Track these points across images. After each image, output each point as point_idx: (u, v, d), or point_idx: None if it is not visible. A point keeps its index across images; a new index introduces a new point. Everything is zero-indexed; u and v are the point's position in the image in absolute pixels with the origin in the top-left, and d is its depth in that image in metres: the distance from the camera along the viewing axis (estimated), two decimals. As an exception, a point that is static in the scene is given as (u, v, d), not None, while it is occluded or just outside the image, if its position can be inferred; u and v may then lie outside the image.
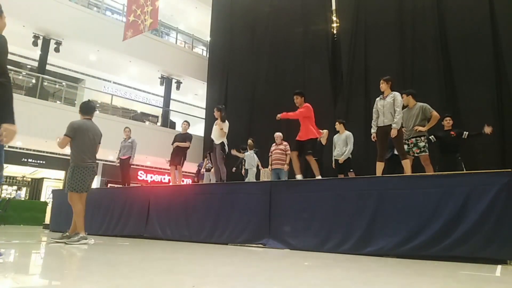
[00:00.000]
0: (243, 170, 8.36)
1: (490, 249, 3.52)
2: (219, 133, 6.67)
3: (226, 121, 6.73)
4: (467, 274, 2.93)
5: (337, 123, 7.20)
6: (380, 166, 5.20)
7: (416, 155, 5.36)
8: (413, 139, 5.39)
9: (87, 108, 5.10)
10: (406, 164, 5.05)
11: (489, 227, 3.56)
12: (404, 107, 5.54)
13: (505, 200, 3.55)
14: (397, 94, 5.21)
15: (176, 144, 7.92)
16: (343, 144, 6.94)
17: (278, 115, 5.70)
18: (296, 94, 5.68)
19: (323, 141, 7.20)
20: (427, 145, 5.43)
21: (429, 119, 5.45)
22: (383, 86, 5.34)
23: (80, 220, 4.79)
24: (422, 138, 5.37)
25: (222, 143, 6.72)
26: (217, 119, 6.72)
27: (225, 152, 6.99)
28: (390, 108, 5.17)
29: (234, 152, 8.23)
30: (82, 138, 4.84)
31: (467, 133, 6.05)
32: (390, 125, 5.11)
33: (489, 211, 3.60)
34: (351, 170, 6.91)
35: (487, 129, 5.80)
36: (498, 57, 7.22)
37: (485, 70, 7.28)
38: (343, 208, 4.54)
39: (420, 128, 5.33)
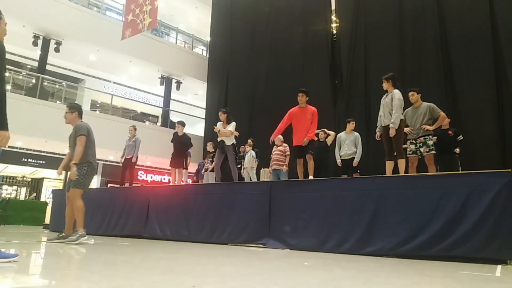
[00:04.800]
0: (242, 170, 8.35)
1: (490, 249, 3.52)
2: (226, 134, 6.60)
3: (233, 122, 6.70)
4: (467, 274, 2.93)
5: (353, 122, 6.99)
6: (389, 165, 5.17)
7: (425, 154, 5.34)
8: (422, 138, 5.37)
9: (82, 110, 5.20)
10: (402, 163, 5.04)
11: (489, 227, 3.56)
12: (411, 104, 5.54)
13: (505, 200, 3.55)
14: (395, 92, 5.17)
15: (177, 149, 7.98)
16: (351, 144, 6.85)
17: (306, 140, 5.59)
18: (302, 92, 5.73)
19: (329, 143, 7.19)
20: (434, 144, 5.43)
21: (436, 119, 5.44)
22: (385, 85, 5.31)
23: (81, 216, 4.82)
24: (431, 136, 5.36)
25: (233, 144, 6.69)
26: (222, 121, 6.69)
27: (237, 154, 6.92)
28: (389, 107, 5.15)
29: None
30: (91, 138, 4.96)
31: (462, 137, 6.05)
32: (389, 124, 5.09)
33: (489, 211, 3.60)
34: (358, 171, 6.82)
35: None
36: (498, 57, 7.21)
37: (485, 70, 7.27)
38: (343, 208, 4.54)
39: (428, 127, 5.32)
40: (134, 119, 14.80)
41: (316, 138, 6.26)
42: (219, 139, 6.69)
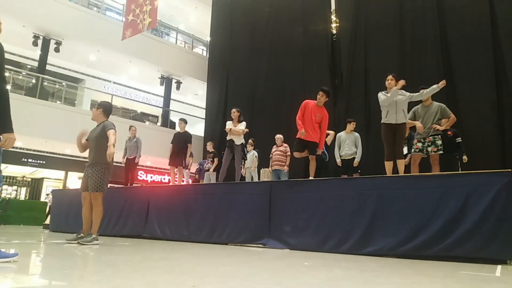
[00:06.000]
0: (243, 170, 8.33)
1: (490, 249, 3.52)
2: (238, 133, 6.66)
3: (244, 121, 6.82)
4: (467, 274, 2.93)
5: (353, 123, 7.01)
6: (389, 165, 5.16)
7: (432, 153, 5.34)
8: (431, 137, 5.37)
9: (111, 109, 5.17)
10: (401, 164, 5.05)
11: (489, 227, 3.56)
12: (419, 102, 5.54)
13: (505, 200, 3.55)
14: (404, 92, 5.23)
15: (175, 145, 7.91)
16: (352, 144, 6.87)
17: (319, 151, 5.62)
18: (323, 91, 5.64)
19: (329, 142, 7.20)
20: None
21: (446, 119, 5.45)
22: (392, 82, 5.27)
23: (99, 221, 4.85)
24: (440, 136, 5.37)
25: (243, 144, 6.76)
26: (233, 119, 6.76)
27: (245, 154, 7.00)
28: (403, 105, 5.13)
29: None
30: None
31: (460, 139, 6.05)
32: (404, 123, 5.09)
33: (489, 211, 3.60)
34: (359, 171, 6.84)
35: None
36: (498, 57, 7.21)
37: (485, 70, 7.26)
38: (343, 208, 4.54)
39: (439, 127, 5.33)
40: (134, 119, 14.78)
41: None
42: (228, 137, 6.73)
